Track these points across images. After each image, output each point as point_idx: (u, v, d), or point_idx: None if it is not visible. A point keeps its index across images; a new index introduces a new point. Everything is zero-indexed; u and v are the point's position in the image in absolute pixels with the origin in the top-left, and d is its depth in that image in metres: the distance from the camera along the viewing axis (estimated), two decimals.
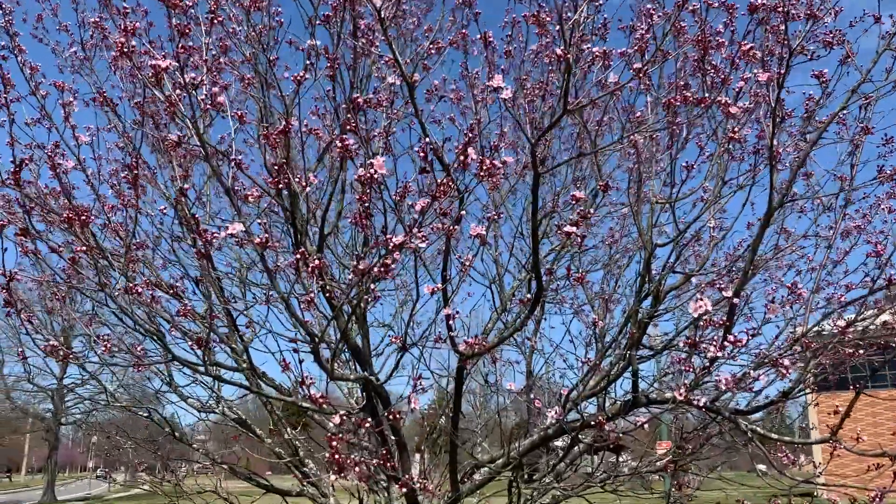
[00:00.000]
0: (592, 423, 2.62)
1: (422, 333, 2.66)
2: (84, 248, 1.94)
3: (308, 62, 2.77)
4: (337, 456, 1.80)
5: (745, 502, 4.95)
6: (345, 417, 2.06)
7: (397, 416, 2.11)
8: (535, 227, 2.52)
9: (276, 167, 1.80)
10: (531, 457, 4.25)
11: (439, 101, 3.25)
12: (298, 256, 1.85)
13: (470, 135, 1.75)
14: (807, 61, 2.55)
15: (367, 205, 1.79)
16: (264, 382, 3.79)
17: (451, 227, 2.18)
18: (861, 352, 2.99)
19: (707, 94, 2.63)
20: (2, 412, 33.64)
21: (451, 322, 2.83)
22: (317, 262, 1.97)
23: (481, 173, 1.73)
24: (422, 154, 1.82)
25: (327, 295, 2.26)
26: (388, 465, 2.25)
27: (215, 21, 2.11)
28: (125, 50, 1.77)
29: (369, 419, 2.23)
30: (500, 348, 5.17)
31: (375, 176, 1.74)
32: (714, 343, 2.06)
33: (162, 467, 5.70)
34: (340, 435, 1.82)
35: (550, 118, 2.62)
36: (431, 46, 2.80)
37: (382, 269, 1.80)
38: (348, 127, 1.89)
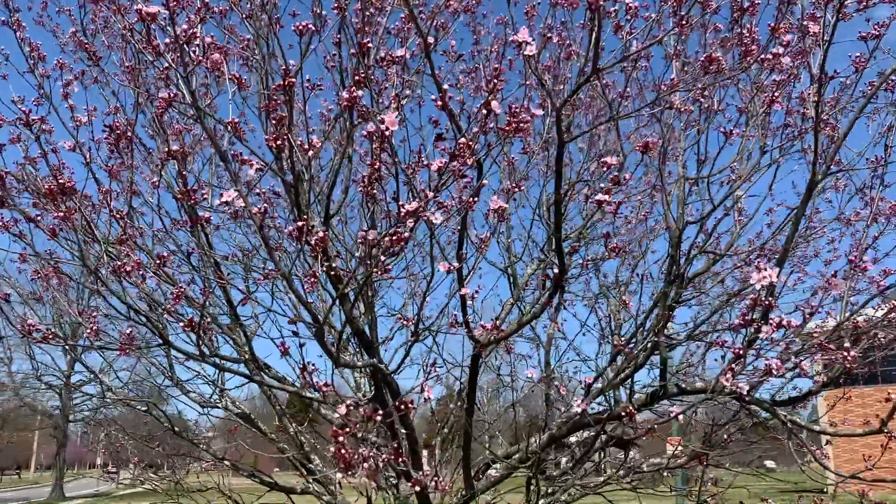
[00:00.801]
0: (623, 413, 2.42)
1: (435, 318, 2.46)
2: (62, 214, 1.75)
3: (313, 27, 2.57)
4: (343, 451, 1.61)
5: (769, 501, 4.75)
6: (352, 408, 1.86)
7: (409, 406, 1.92)
8: (559, 202, 2.32)
9: (275, 121, 1.60)
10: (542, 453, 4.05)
11: (458, 60, 3.05)
12: (300, 224, 1.65)
13: (495, 80, 1.54)
14: (860, 9, 2.34)
15: (376, 166, 1.59)
16: (267, 374, 3.60)
17: (470, 199, 1.98)
18: None
19: (741, 58, 2.42)
20: (10, 409, 33.65)
21: (466, 305, 2.63)
22: (320, 233, 1.77)
23: (508, 127, 1.53)
24: (439, 104, 1.62)
25: (332, 273, 2.07)
26: (400, 459, 2.06)
27: None
28: None
29: (378, 409, 2.03)
30: (513, 340, 4.98)
31: (386, 133, 1.54)
32: (768, 321, 1.85)
33: (164, 464, 5.53)
34: (347, 428, 1.62)
35: (574, 83, 2.41)
36: (448, 1, 2.60)
37: (394, 239, 1.60)
38: (357, 78, 1.70)
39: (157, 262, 1.92)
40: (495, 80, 1.53)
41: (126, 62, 2.91)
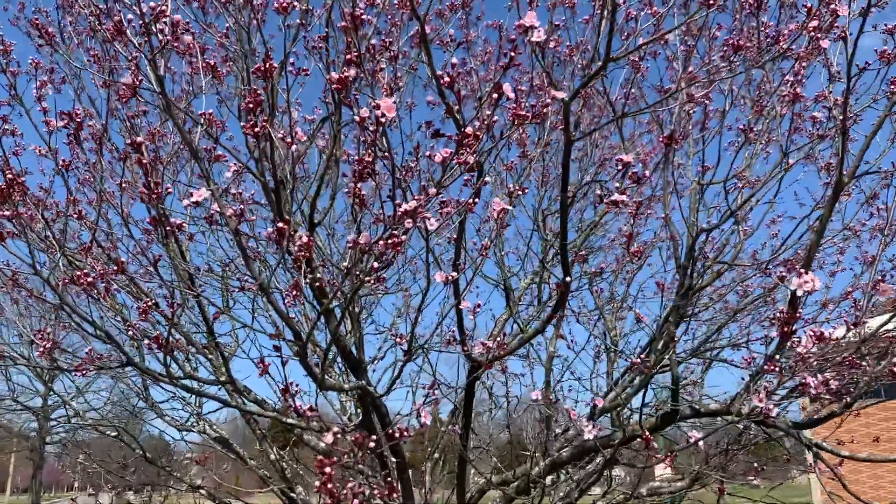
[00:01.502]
0: (639, 437, 2.21)
1: (430, 335, 2.24)
2: (8, 214, 1.52)
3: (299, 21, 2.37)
4: (330, 485, 1.38)
5: None
6: (339, 436, 1.63)
7: (405, 433, 1.70)
8: (565, 204, 2.12)
9: (252, 105, 1.38)
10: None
11: (457, 48, 2.85)
12: (282, 226, 1.43)
13: (512, 53, 1.34)
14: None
15: (369, 158, 1.38)
16: (246, 398, 3.35)
17: (471, 201, 1.77)
18: None
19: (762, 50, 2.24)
20: None
21: (463, 320, 2.41)
22: (304, 238, 1.55)
23: (520, 113, 1.33)
24: (446, 80, 1.42)
25: (317, 285, 1.85)
26: (393, 494, 1.83)
27: None
28: None
29: (371, 438, 1.80)
30: (506, 358, 4.75)
31: (382, 119, 1.34)
32: (810, 333, 1.66)
33: (139, 489, 5.25)
34: (333, 458, 1.39)
35: (582, 78, 2.22)
36: None
37: (390, 243, 1.38)
38: (348, 56, 1.49)
39: (117, 267, 1.69)
40: (511, 54, 1.33)
41: (94, 51, 2.70)
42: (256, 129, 1.40)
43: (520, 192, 2.05)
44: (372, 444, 1.63)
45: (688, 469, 4.35)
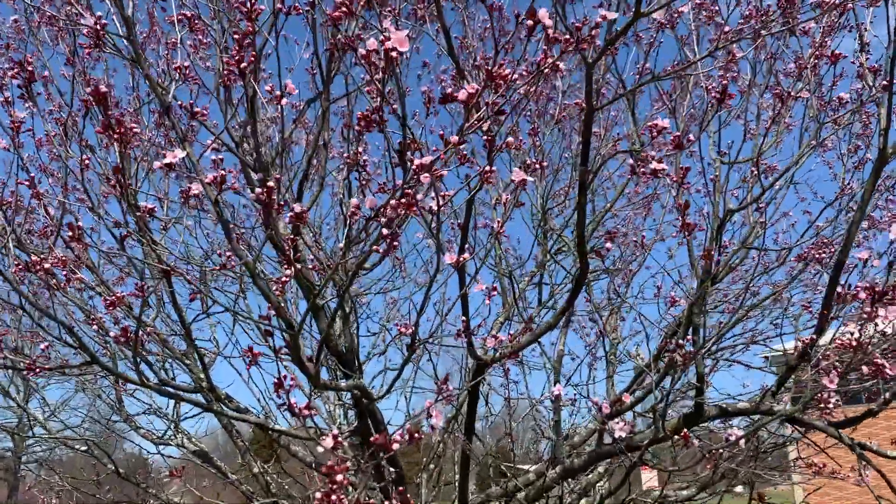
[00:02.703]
0: (676, 436, 1.99)
1: (439, 323, 2.01)
2: None
3: None
4: (335, 497, 1.14)
5: None
6: (339, 440, 1.39)
7: (417, 435, 1.46)
8: (584, 182, 1.89)
9: (238, 38, 1.14)
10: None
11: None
12: (270, 186, 1.19)
13: None
14: None
15: (377, 106, 1.15)
16: (227, 406, 3.09)
17: (488, 169, 1.54)
18: None
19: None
20: None
21: (469, 313, 2.18)
22: (297, 208, 1.31)
23: (558, 38, 1.10)
24: None
25: (311, 267, 1.61)
26: None
27: None
28: None
29: (391, 443, 1.54)
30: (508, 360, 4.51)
31: (393, 54, 1.11)
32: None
33: None
34: (346, 465, 1.16)
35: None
36: None
37: (403, 203, 1.15)
38: None
39: (72, 234, 1.44)
40: None
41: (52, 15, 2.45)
42: (243, 66, 1.17)
43: (537, 167, 1.83)
44: (370, 453, 1.40)
45: (693, 477, 4.15)
